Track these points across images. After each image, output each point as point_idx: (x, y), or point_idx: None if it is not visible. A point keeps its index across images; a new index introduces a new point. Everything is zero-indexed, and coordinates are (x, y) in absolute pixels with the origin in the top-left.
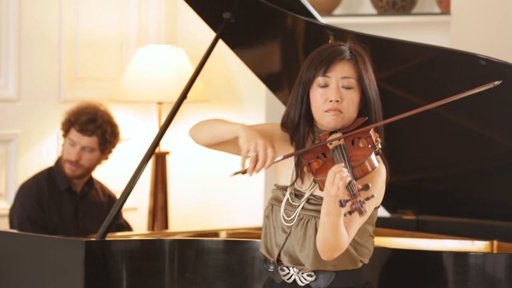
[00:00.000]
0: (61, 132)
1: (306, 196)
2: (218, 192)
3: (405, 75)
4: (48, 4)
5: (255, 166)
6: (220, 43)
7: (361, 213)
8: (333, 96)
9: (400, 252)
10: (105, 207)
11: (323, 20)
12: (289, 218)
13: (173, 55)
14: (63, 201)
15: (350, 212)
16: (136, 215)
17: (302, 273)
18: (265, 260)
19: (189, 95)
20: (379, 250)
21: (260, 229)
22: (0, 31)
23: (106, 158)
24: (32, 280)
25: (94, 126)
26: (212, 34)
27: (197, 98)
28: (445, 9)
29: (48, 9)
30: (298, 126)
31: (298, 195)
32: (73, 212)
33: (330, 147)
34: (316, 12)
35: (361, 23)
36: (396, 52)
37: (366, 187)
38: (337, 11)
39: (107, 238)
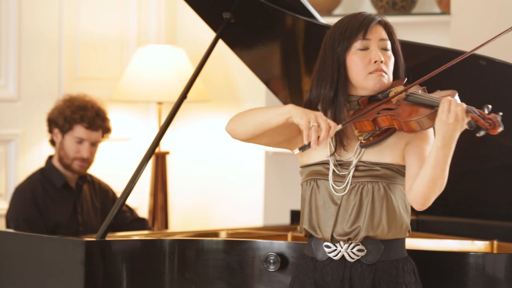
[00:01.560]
0: (54, 130)
1: (354, 163)
2: (218, 192)
3: (405, 75)
4: (48, 4)
5: (319, 136)
6: (220, 43)
7: (499, 126)
8: (377, 57)
9: None
10: (99, 198)
11: (323, 20)
12: (339, 188)
13: (173, 55)
14: (61, 198)
15: (485, 130)
16: None
17: (352, 248)
18: (265, 260)
19: (189, 95)
20: None
21: (260, 229)
22: (0, 31)
23: None
24: (31, 280)
25: (101, 120)
26: (212, 34)
27: (197, 98)
28: (445, 9)
29: (48, 9)
30: (335, 99)
31: (343, 164)
32: (72, 207)
33: (394, 100)
34: (316, 12)
35: None
36: None
37: (487, 107)
38: (337, 11)
39: (107, 238)
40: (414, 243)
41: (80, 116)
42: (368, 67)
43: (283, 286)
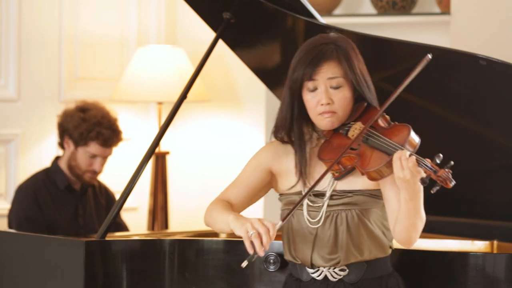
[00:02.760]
0: (66, 139)
1: (328, 194)
2: (218, 192)
3: (405, 75)
4: (48, 4)
5: (261, 242)
6: (220, 43)
7: (450, 182)
8: (323, 100)
9: (400, 252)
10: (103, 203)
11: (323, 20)
12: (314, 220)
13: (173, 55)
14: (63, 199)
15: (438, 186)
16: (136, 215)
17: (334, 269)
18: (265, 260)
19: (189, 95)
20: None
21: None
22: (0, 31)
23: None
24: (31, 280)
25: (116, 137)
26: (212, 34)
27: (197, 98)
28: (445, 9)
29: (48, 9)
30: (292, 125)
31: (317, 195)
32: (73, 209)
33: (353, 136)
34: (316, 12)
35: (361, 23)
36: (396, 52)
37: (438, 157)
38: (337, 11)
39: (107, 238)
40: None
41: (96, 134)
42: (317, 109)
43: None
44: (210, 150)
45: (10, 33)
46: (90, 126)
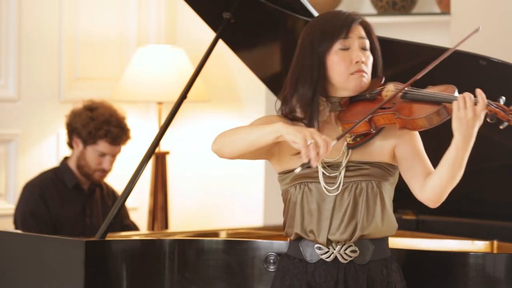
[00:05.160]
0: (75, 139)
1: (344, 163)
2: (218, 192)
3: (405, 75)
4: (48, 4)
5: (318, 153)
6: (220, 43)
7: None
8: (358, 57)
9: (400, 252)
10: (110, 205)
11: None
12: (332, 188)
13: (173, 55)
14: (71, 198)
15: (507, 122)
16: (136, 215)
17: (346, 250)
18: (265, 260)
19: (189, 95)
20: None
21: (260, 229)
22: (0, 31)
23: None
24: (32, 280)
25: (124, 135)
26: (212, 34)
27: (197, 98)
28: (445, 9)
29: (48, 9)
30: (313, 100)
31: (332, 166)
32: (80, 209)
33: (386, 96)
34: (316, 12)
35: None
36: (396, 52)
37: (501, 98)
38: None
39: (107, 238)
40: (414, 243)
41: (104, 132)
42: (350, 68)
43: None
44: (210, 150)
45: (10, 33)
46: (98, 125)
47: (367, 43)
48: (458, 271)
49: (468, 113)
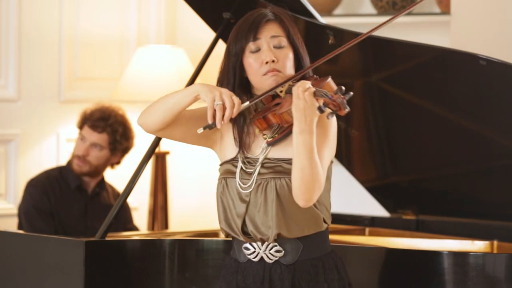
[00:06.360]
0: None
1: (260, 160)
2: None
3: (405, 75)
4: (48, 4)
5: (223, 115)
6: (220, 43)
7: (344, 108)
8: (267, 57)
9: (400, 252)
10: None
11: (323, 20)
12: (246, 185)
13: (173, 55)
14: (73, 198)
15: (332, 113)
16: (136, 215)
17: (270, 249)
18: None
19: None
20: (379, 250)
21: None
22: (0, 31)
23: (118, 162)
24: (32, 280)
25: (105, 124)
26: (212, 34)
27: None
28: (445, 9)
29: (48, 9)
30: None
31: (250, 162)
32: (82, 210)
33: (282, 93)
34: (316, 12)
35: (361, 23)
36: (396, 52)
37: (340, 90)
38: (337, 11)
39: (107, 238)
40: (414, 243)
41: (89, 116)
42: (261, 69)
43: None
44: (210, 150)
45: (10, 33)
46: (91, 111)
47: (281, 40)
48: (458, 271)
49: (300, 103)
